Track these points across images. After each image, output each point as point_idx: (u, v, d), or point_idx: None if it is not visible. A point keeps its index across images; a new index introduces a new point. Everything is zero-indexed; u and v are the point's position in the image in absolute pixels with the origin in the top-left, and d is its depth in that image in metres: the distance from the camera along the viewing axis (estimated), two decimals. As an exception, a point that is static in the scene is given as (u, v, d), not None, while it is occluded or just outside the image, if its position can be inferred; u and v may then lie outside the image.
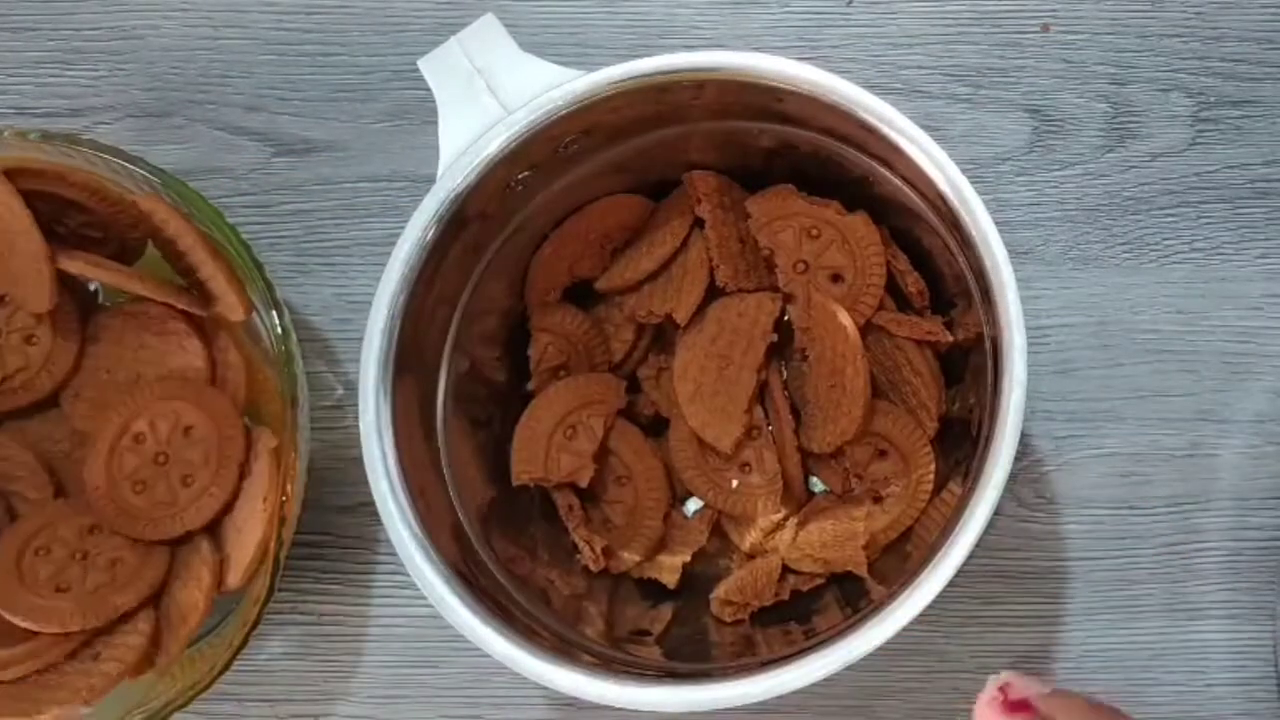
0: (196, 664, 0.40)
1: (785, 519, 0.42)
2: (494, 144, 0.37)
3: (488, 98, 0.37)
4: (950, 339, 0.41)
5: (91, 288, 0.44)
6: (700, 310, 0.42)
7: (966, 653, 0.44)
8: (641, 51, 0.38)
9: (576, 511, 0.42)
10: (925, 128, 0.36)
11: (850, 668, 0.33)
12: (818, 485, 0.43)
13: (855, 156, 0.38)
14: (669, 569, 0.42)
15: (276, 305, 0.39)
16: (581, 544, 0.42)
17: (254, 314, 0.41)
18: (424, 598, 0.35)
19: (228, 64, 0.47)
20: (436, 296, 0.38)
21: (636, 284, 0.43)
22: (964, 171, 0.35)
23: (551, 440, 0.42)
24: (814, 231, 0.41)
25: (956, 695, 0.43)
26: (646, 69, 0.36)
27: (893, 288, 0.42)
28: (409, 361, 0.37)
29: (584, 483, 0.42)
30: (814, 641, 0.34)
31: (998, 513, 0.35)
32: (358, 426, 0.36)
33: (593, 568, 0.41)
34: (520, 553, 0.41)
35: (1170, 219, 0.46)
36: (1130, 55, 0.47)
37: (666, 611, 0.42)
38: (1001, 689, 0.23)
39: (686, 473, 0.42)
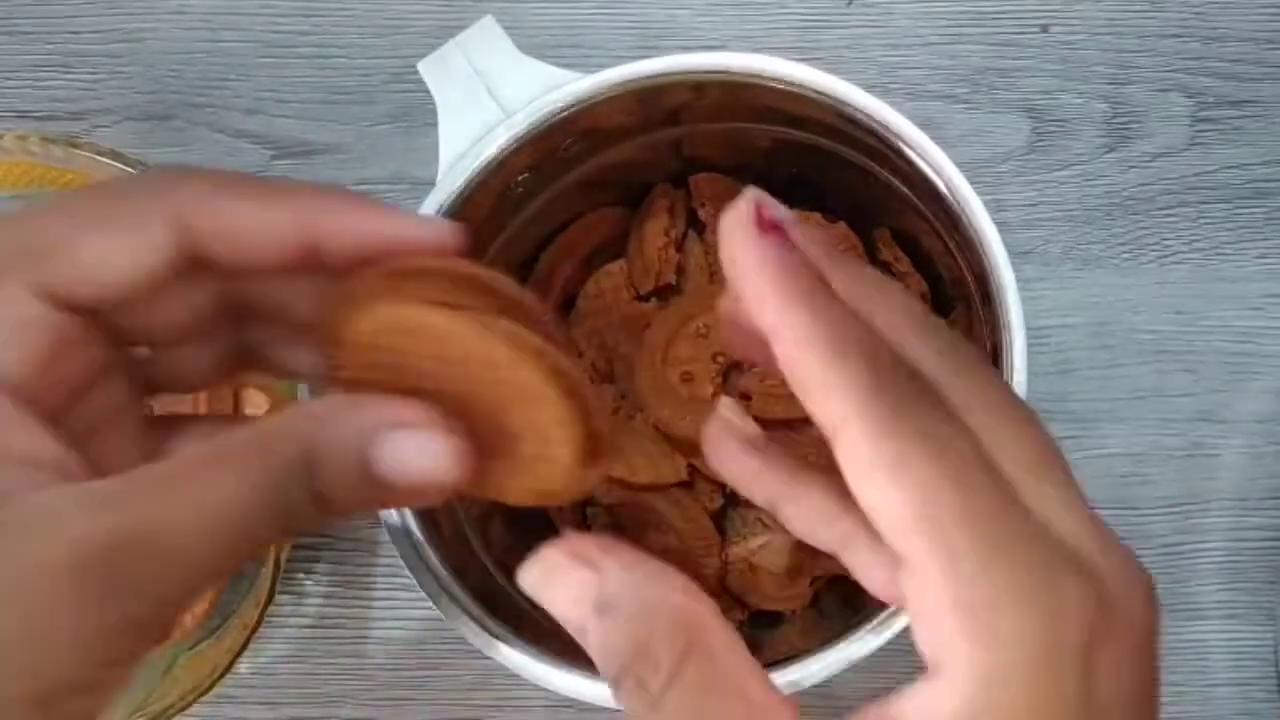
0: (198, 666, 0.40)
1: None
2: (494, 146, 0.37)
3: (487, 100, 0.37)
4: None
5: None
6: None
7: (967, 653, 0.44)
8: (641, 53, 0.38)
9: (567, 512, 0.42)
10: (925, 128, 0.36)
11: (850, 669, 0.33)
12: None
13: (855, 157, 0.38)
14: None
15: (276, 308, 0.39)
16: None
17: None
18: (425, 600, 0.34)
19: (227, 67, 0.47)
20: (436, 299, 0.38)
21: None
22: (964, 172, 0.35)
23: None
24: None
25: (957, 696, 0.43)
26: (646, 71, 0.36)
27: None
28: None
29: None
30: (814, 643, 0.34)
31: (998, 514, 0.35)
32: (358, 429, 0.36)
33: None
34: (520, 555, 0.41)
35: (1170, 219, 0.46)
36: (1129, 55, 0.47)
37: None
38: (757, 206, 0.21)
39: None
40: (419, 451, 0.22)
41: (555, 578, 0.23)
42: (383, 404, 0.22)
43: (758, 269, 0.21)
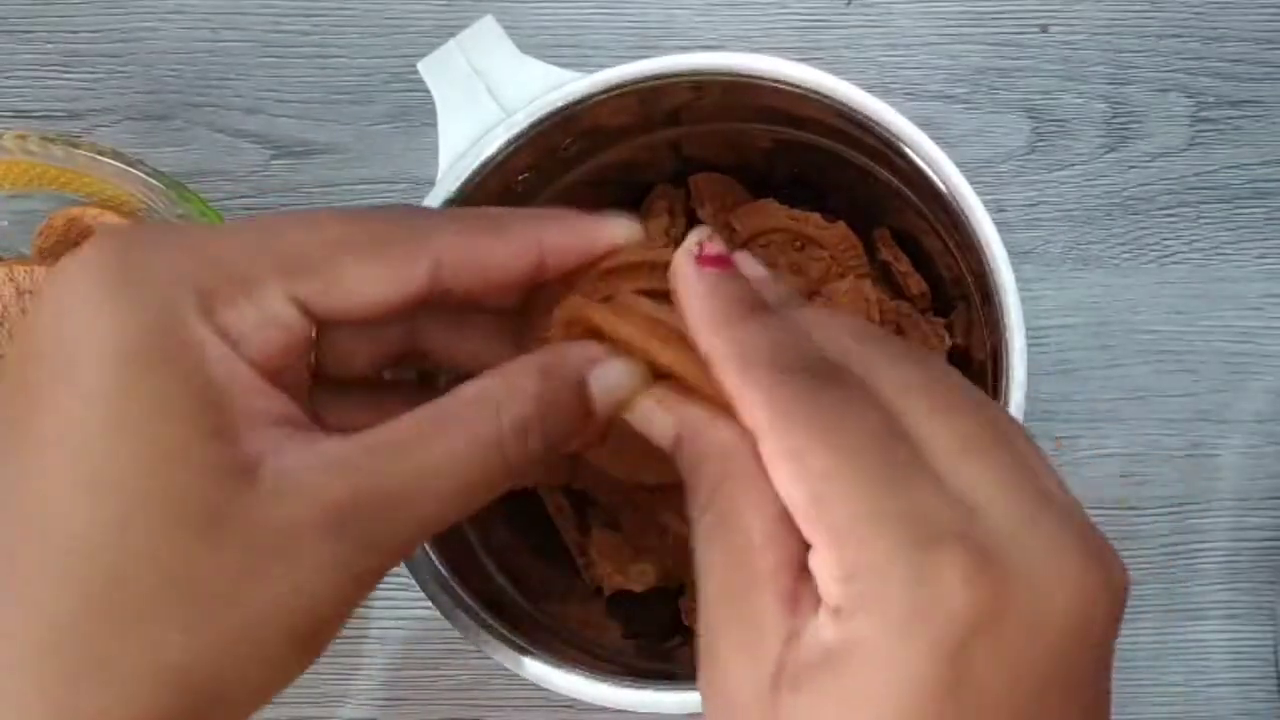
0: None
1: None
2: (494, 146, 0.37)
3: (487, 100, 0.37)
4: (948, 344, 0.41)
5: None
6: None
7: (967, 653, 0.44)
8: (641, 53, 0.38)
9: (568, 514, 0.42)
10: (925, 128, 0.35)
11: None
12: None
13: (855, 157, 0.38)
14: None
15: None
16: (572, 546, 0.42)
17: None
18: (424, 600, 0.35)
19: (226, 66, 0.47)
20: (436, 299, 0.38)
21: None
22: (964, 172, 0.35)
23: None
24: (797, 245, 0.41)
25: (957, 696, 0.43)
26: (646, 71, 0.36)
27: (894, 289, 0.43)
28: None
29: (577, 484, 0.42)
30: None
31: (998, 514, 0.35)
32: (358, 429, 0.36)
33: (584, 575, 0.41)
34: (520, 555, 0.41)
35: (1170, 219, 0.46)
36: (1129, 55, 0.47)
37: (667, 613, 0.42)
38: (700, 244, 0.25)
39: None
40: (619, 374, 0.26)
41: (651, 416, 0.26)
42: (583, 346, 0.26)
43: (693, 300, 0.25)
